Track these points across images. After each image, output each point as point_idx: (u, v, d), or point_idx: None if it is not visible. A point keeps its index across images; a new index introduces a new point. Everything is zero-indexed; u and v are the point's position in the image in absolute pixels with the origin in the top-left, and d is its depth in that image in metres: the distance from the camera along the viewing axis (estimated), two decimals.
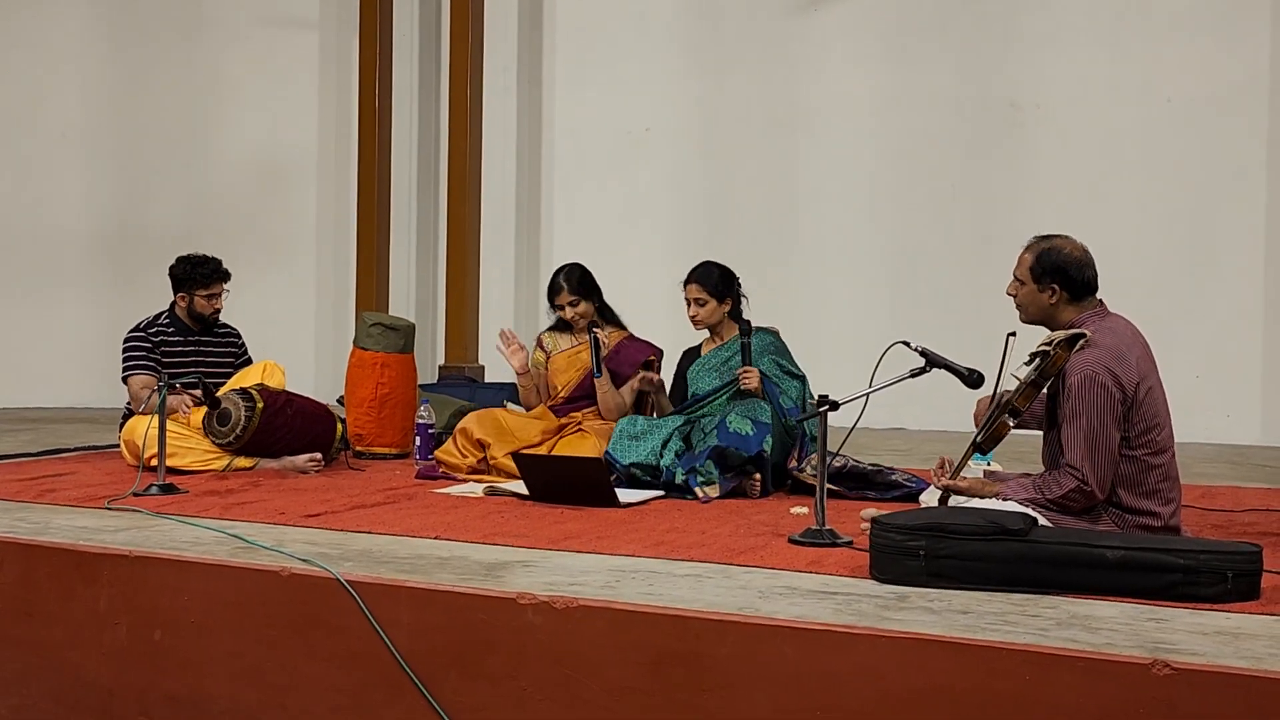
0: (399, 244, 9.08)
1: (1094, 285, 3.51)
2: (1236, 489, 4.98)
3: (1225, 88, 7.20)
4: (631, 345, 5.28)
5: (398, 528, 3.78)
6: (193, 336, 5.58)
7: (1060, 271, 3.47)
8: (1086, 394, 3.30)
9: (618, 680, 2.74)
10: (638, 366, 5.18)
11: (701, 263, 4.98)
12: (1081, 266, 3.49)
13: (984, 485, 3.49)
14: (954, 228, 7.79)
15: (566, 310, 5.26)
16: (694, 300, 4.92)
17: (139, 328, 5.53)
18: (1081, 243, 3.56)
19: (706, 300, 4.90)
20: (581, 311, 5.25)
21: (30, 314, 9.18)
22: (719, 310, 4.93)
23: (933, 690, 2.48)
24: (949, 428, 6.92)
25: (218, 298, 5.56)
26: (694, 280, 4.92)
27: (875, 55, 7.98)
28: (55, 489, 4.57)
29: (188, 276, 5.52)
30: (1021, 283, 3.55)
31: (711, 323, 4.96)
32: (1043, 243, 3.55)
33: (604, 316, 5.33)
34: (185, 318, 5.57)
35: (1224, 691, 2.28)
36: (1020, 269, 3.56)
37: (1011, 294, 3.59)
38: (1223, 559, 2.82)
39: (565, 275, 5.28)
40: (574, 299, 5.24)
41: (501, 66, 8.84)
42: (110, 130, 9.38)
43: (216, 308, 5.57)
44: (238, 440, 5.01)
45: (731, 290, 4.95)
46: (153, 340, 5.48)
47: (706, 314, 4.92)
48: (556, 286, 5.28)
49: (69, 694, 3.37)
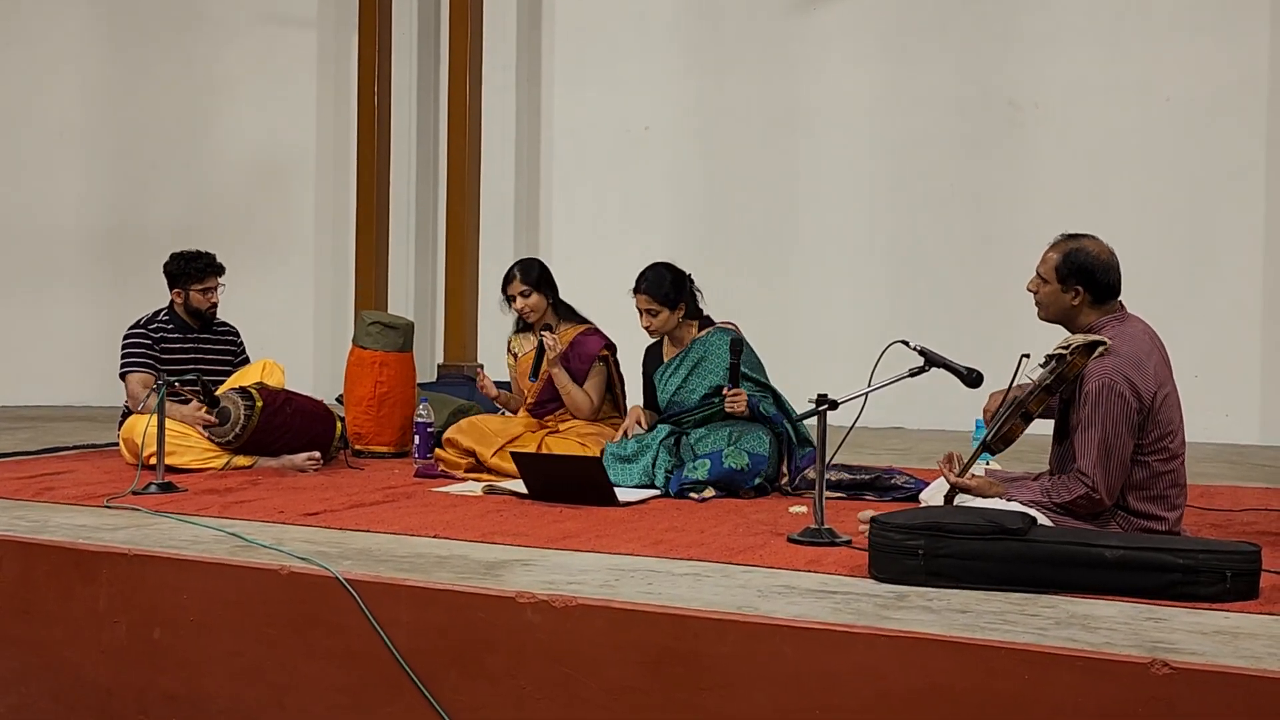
0: (398, 242, 9.08)
1: (1118, 289, 3.45)
2: (1235, 488, 4.99)
3: (1224, 88, 7.20)
4: (586, 339, 5.21)
5: (397, 526, 3.78)
6: (192, 334, 5.58)
7: (1086, 273, 3.42)
8: (1103, 402, 3.25)
9: (617, 679, 2.74)
10: (593, 359, 5.15)
11: (650, 267, 4.86)
12: (1107, 269, 3.43)
13: (991, 485, 3.47)
14: (953, 227, 7.79)
15: (517, 300, 5.18)
16: (645, 310, 4.82)
17: (139, 324, 5.53)
18: (1108, 245, 3.49)
19: (658, 310, 4.80)
20: (532, 304, 5.17)
21: (29, 312, 9.17)
22: (672, 318, 4.83)
23: (931, 690, 2.48)
24: (947, 427, 6.92)
25: (213, 292, 5.55)
26: (643, 291, 4.81)
27: (875, 55, 7.98)
28: (54, 487, 4.57)
29: (181, 272, 5.52)
30: (1045, 281, 3.48)
31: (666, 330, 4.87)
32: (1070, 242, 3.48)
33: (559, 314, 5.26)
34: (184, 315, 5.57)
35: (1223, 691, 2.28)
36: (1045, 267, 3.48)
37: (1032, 290, 3.52)
38: (1222, 558, 2.83)
39: (520, 266, 5.26)
40: (525, 289, 5.16)
41: (501, 65, 8.84)
42: (108, 128, 9.38)
43: (213, 302, 5.56)
44: (237, 439, 5.01)
45: (683, 294, 4.84)
46: (153, 337, 5.47)
47: (660, 323, 4.83)
48: (510, 275, 5.23)
49: (68, 693, 3.37)
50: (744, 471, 4.47)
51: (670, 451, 4.66)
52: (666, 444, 4.68)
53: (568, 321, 5.26)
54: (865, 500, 4.43)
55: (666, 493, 4.49)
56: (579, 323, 5.28)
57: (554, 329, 5.11)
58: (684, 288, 4.86)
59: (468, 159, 8.56)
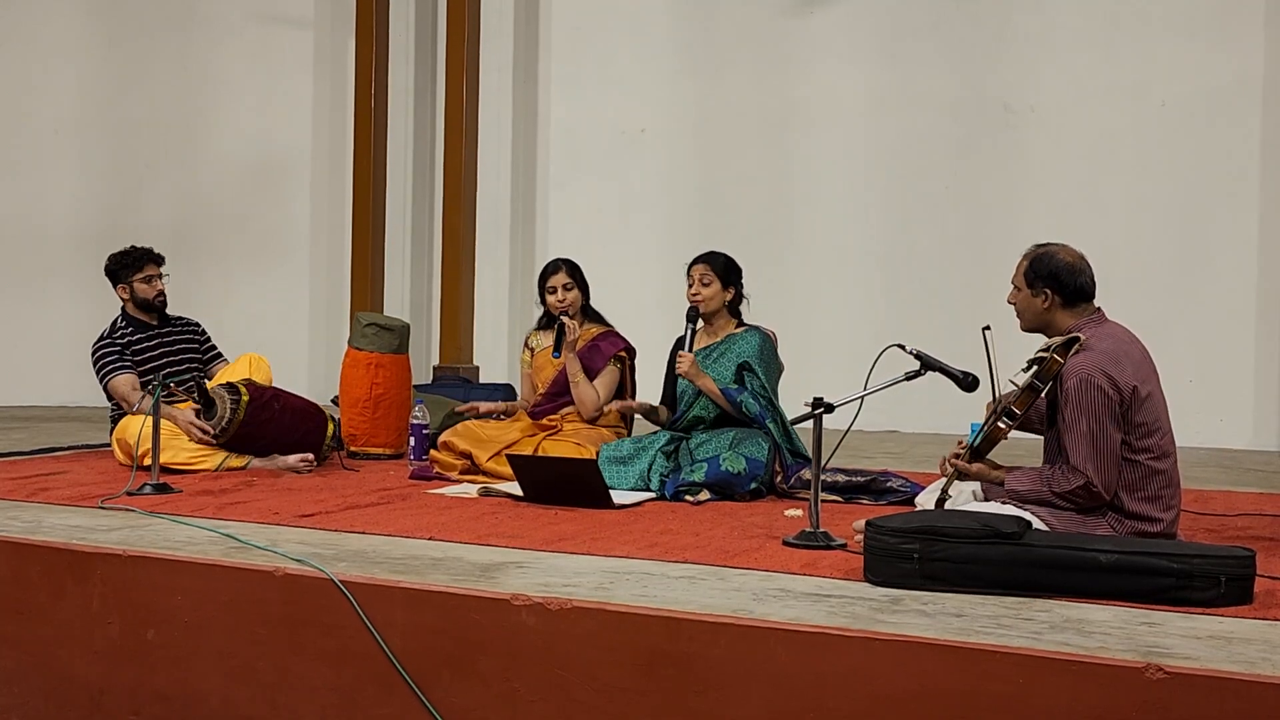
0: (394, 243, 9.07)
1: (1089, 292, 3.53)
2: (1229, 493, 4.99)
3: (1218, 91, 7.22)
4: (606, 340, 5.25)
5: (391, 528, 3.78)
6: (152, 331, 5.57)
7: (1053, 277, 3.51)
8: (1084, 397, 3.32)
9: (611, 681, 2.74)
10: (609, 358, 5.18)
11: (710, 250, 4.99)
12: (1074, 273, 3.51)
13: (992, 470, 3.52)
14: (947, 230, 7.80)
15: (559, 292, 5.22)
16: (699, 278, 4.89)
17: (102, 337, 5.53)
18: (1078, 250, 3.58)
19: (712, 280, 4.88)
20: (571, 299, 5.23)
21: (22, 311, 9.16)
22: (721, 295, 4.90)
23: (926, 693, 2.48)
24: (943, 430, 6.93)
25: (156, 280, 5.55)
26: (702, 260, 4.93)
27: (869, 56, 7.99)
28: (48, 488, 4.56)
29: (120, 266, 5.55)
30: (1018, 289, 3.60)
31: (712, 308, 4.91)
32: (1038, 249, 3.59)
33: (586, 314, 5.33)
34: (137, 312, 5.55)
35: (1216, 696, 2.28)
36: (1016, 276, 3.61)
37: (1011, 302, 3.63)
38: (1216, 563, 2.83)
39: (565, 261, 5.32)
40: (568, 282, 5.23)
41: (497, 66, 8.84)
42: (103, 128, 9.37)
43: (159, 289, 5.56)
44: (223, 434, 5.00)
45: (735, 280, 4.94)
46: (120, 343, 5.47)
47: (709, 294, 4.88)
48: (554, 267, 5.27)
49: (60, 692, 3.36)
50: (740, 476, 4.47)
51: (668, 456, 4.67)
52: (665, 449, 4.68)
53: (593, 322, 5.32)
54: (861, 503, 4.44)
55: (662, 496, 4.49)
56: (601, 324, 5.34)
57: (574, 318, 5.20)
58: (738, 276, 4.97)
59: (464, 160, 8.57)
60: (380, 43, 8.85)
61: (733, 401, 4.74)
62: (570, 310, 5.22)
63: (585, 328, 5.27)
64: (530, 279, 8.72)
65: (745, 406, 4.72)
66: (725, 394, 4.77)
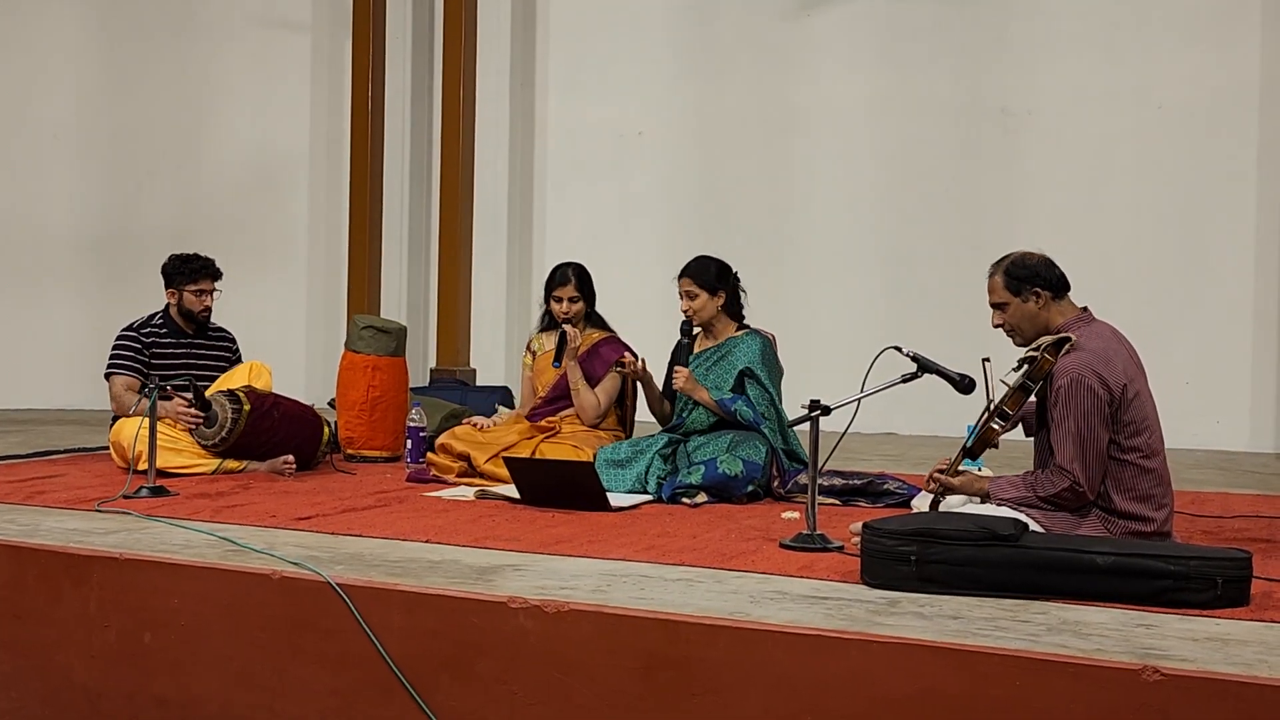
0: (391, 246, 9.07)
1: (1068, 281, 3.55)
2: (1226, 495, 4.99)
3: (1217, 96, 7.22)
4: (607, 346, 5.24)
5: (389, 531, 3.78)
6: (185, 339, 5.56)
7: (1035, 276, 3.51)
8: (1074, 397, 3.33)
9: (608, 684, 2.74)
10: (609, 367, 5.18)
11: (697, 257, 4.95)
12: (1049, 265, 3.55)
13: (976, 481, 3.53)
14: (947, 233, 7.80)
15: (564, 304, 5.21)
16: (685, 293, 4.88)
17: (132, 327, 5.52)
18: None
19: (697, 294, 4.86)
20: (576, 311, 5.22)
21: (20, 315, 9.15)
22: (711, 304, 4.89)
23: (923, 695, 2.48)
24: (940, 433, 6.93)
25: (207, 295, 5.54)
26: (686, 274, 4.90)
27: (868, 60, 8.00)
28: (45, 491, 4.56)
29: (176, 271, 5.51)
30: (1004, 305, 3.56)
31: (705, 318, 4.91)
32: (1002, 262, 3.58)
33: (589, 320, 5.31)
34: (178, 318, 5.55)
35: (1213, 697, 2.29)
36: (995, 295, 3.57)
37: (998, 324, 3.60)
38: (1212, 565, 2.83)
39: (574, 270, 5.25)
40: (575, 295, 5.21)
41: (495, 70, 8.84)
42: (101, 131, 9.36)
43: (206, 305, 5.54)
44: (224, 443, 5.00)
45: (726, 284, 4.91)
46: (144, 341, 5.46)
47: (699, 307, 4.87)
48: (564, 277, 5.22)
49: (58, 696, 3.36)
50: (738, 479, 4.47)
51: (665, 459, 4.67)
52: (662, 452, 4.69)
53: (596, 328, 5.30)
54: (858, 506, 4.44)
55: (659, 498, 4.49)
56: (604, 330, 5.32)
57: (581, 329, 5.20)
58: (727, 279, 4.92)
59: (461, 163, 8.57)
60: (377, 46, 8.85)
61: (728, 411, 4.74)
62: (574, 319, 5.22)
63: (587, 333, 5.26)
64: (528, 281, 8.75)
65: (740, 414, 4.72)
66: (721, 404, 4.77)
